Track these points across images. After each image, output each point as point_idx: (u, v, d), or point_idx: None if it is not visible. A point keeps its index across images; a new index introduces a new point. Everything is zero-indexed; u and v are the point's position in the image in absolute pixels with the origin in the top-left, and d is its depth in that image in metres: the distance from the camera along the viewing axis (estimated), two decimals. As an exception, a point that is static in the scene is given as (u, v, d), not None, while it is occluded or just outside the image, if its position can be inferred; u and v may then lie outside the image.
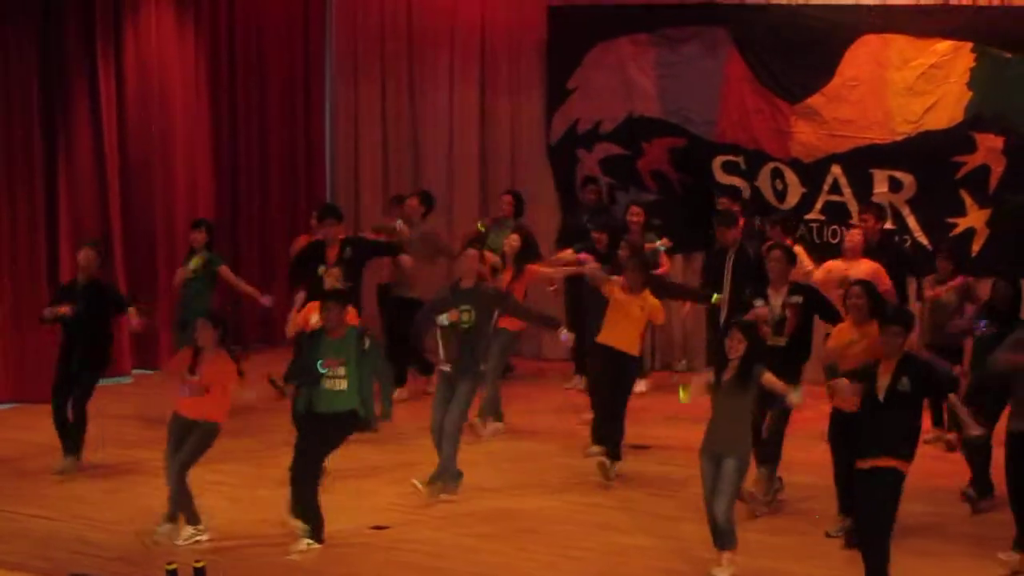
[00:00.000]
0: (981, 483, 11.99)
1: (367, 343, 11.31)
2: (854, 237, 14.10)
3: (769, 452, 12.24)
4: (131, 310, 13.60)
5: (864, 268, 13.62)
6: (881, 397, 10.05)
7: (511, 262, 14.80)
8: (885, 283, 13.41)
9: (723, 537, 10.58)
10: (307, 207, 18.84)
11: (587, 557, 11.05)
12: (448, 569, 10.82)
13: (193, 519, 11.38)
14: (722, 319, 14.26)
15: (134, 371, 17.07)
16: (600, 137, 17.30)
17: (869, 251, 13.94)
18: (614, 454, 13.05)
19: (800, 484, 12.50)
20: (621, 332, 13.08)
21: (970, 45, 15.44)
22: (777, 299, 12.37)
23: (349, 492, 12.34)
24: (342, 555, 11.13)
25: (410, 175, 18.74)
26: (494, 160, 18.38)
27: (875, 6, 15.98)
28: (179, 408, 11.43)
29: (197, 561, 10.40)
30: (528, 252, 14.90)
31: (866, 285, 11.59)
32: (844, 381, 10.29)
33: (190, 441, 11.27)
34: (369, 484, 12.77)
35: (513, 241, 14.85)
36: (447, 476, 12.42)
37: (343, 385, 11.17)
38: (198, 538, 11.30)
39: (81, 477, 13.14)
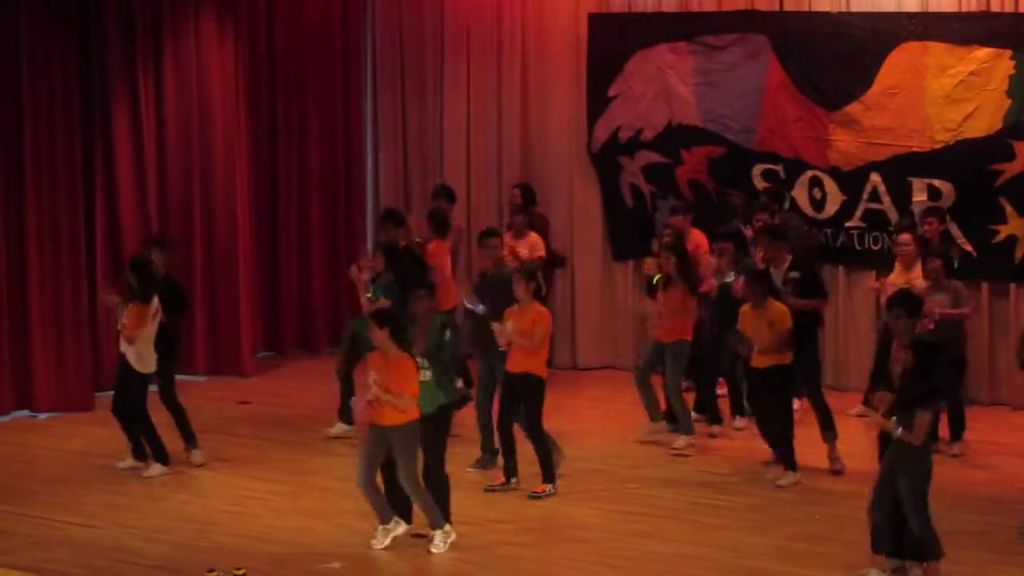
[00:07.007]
0: None
1: (447, 334, 11.34)
2: (906, 241, 14.13)
3: None
4: None
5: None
6: (897, 381, 10.18)
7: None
8: None
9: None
10: (346, 218, 18.86)
11: (628, 566, 10.99)
12: (490, 578, 10.84)
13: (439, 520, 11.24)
14: None
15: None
16: (641, 145, 17.25)
17: (930, 252, 13.93)
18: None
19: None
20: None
21: (1009, 52, 15.31)
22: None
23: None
24: (381, 563, 11.12)
25: (452, 183, 18.62)
26: (537, 165, 18.26)
27: (915, 14, 15.90)
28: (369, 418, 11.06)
29: (238, 569, 10.39)
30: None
31: None
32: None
33: (397, 451, 10.99)
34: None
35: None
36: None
37: (427, 376, 11.20)
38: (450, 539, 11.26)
39: (121, 484, 13.15)
